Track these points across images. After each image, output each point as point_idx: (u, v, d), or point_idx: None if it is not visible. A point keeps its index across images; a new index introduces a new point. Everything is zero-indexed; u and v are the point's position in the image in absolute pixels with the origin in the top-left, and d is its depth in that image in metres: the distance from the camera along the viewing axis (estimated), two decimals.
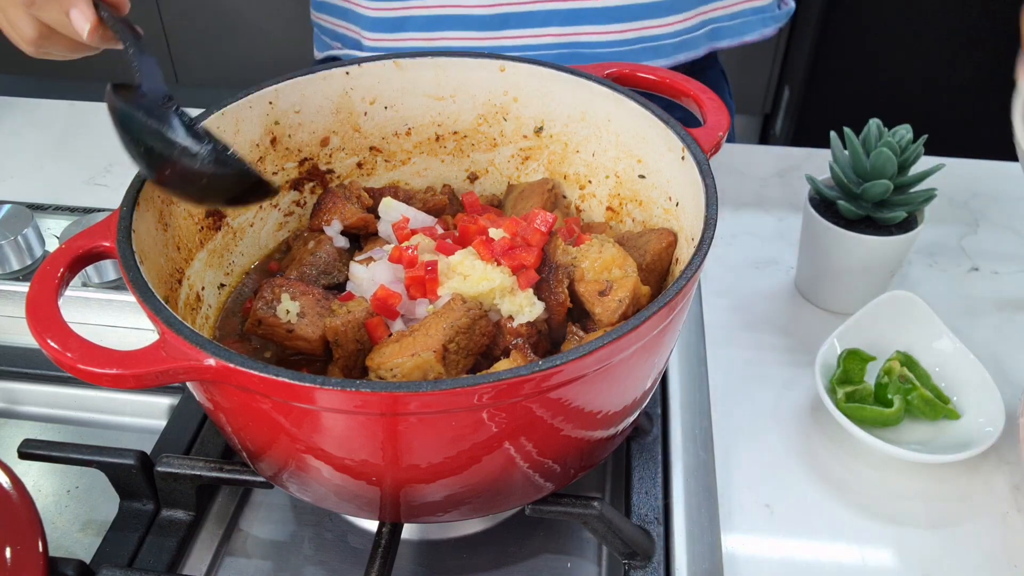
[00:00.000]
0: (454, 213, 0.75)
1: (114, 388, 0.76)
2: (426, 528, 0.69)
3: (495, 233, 0.64)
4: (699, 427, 0.73)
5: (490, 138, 0.77)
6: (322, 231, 0.71)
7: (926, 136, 0.77)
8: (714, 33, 1.02)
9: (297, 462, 0.54)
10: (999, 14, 2.23)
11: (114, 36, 0.62)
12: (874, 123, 0.78)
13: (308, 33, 1.13)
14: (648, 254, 0.65)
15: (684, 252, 0.64)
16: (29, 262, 0.88)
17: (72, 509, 0.71)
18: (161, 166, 0.58)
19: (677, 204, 0.66)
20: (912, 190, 0.78)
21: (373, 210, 0.73)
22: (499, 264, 0.62)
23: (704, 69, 1.10)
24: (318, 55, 1.12)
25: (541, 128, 0.75)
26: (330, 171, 0.77)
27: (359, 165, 0.77)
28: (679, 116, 0.67)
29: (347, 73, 0.72)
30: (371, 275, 0.65)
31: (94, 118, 1.16)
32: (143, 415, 0.80)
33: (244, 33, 2.78)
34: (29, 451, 0.66)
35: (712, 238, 0.55)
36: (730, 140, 0.91)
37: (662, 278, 0.67)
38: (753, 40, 1.05)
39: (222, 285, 0.71)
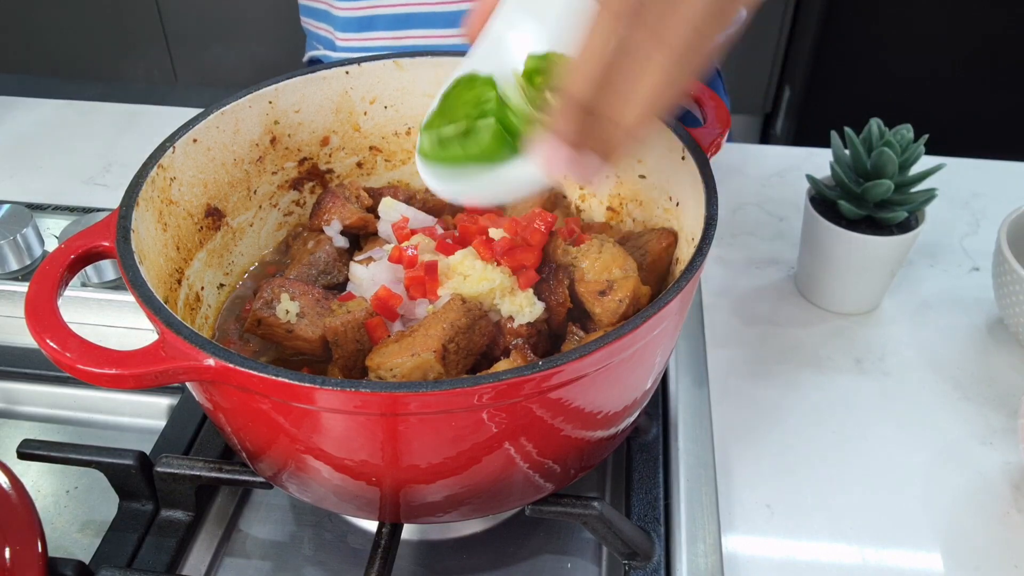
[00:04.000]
0: (454, 213, 0.75)
1: (113, 388, 0.76)
2: (426, 528, 0.68)
3: (495, 233, 0.64)
4: (699, 427, 0.73)
5: None
6: (322, 231, 0.71)
7: (927, 136, 0.77)
8: None
9: (297, 462, 0.54)
10: (1000, 13, 2.23)
11: None
12: (875, 123, 0.78)
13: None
14: (648, 254, 0.65)
15: (684, 252, 0.64)
16: (28, 262, 0.88)
17: (71, 509, 0.71)
18: None
19: (677, 204, 0.66)
20: (913, 190, 0.78)
21: (373, 210, 0.73)
22: (499, 264, 0.62)
23: None
24: (305, 57, 1.15)
25: None
26: (330, 171, 0.76)
27: (359, 165, 0.77)
28: (679, 116, 0.67)
29: (347, 73, 0.72)
30: (371, 275, 0.65)
31: (94, 118, 1.16)
32: (143, 415, 0.80)
33: (244, 33, 2.77)
34: (28, 451, 0.66)
35: (712, 238, 0.55)
36: (729, 140, 0.91)
37: (662, 278, 0.67)
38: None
39: (222, 285, 0.71)
